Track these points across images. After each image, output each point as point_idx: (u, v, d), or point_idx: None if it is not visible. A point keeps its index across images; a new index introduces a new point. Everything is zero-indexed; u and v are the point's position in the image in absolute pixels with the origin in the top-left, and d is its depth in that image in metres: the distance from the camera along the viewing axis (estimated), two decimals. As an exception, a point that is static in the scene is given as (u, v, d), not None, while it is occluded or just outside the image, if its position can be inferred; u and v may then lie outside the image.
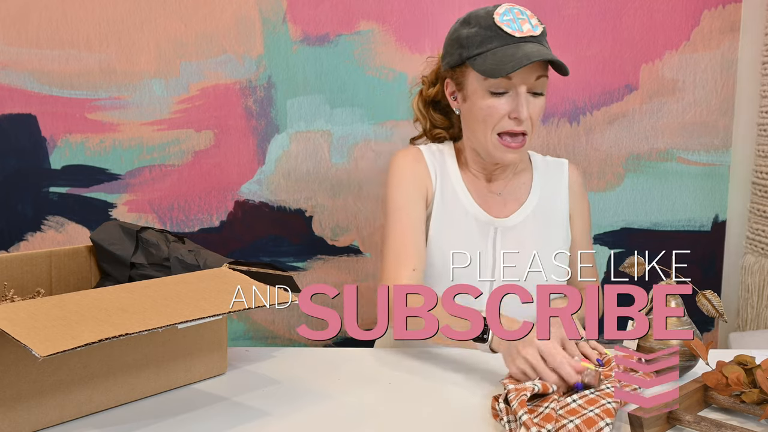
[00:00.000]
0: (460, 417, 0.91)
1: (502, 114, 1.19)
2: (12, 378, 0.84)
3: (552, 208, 1.33)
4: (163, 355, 0.99)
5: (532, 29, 1.17)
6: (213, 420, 0.91)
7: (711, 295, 1.02)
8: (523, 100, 1.17)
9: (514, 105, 1.18)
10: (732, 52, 1.76)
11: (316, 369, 1.10)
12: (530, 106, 1.18)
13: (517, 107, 1.17)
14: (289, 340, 1.90)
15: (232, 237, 1.86)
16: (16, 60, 1.80)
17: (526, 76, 1.16)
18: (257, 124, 1.82)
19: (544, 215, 1.31)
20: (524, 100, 1.17)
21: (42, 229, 1.86)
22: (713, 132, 1.79)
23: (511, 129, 1.19)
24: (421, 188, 1.29)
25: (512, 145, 1.21)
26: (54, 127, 1.83)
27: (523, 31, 1.16)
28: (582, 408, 0.85)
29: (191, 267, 1.13)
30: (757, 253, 1.72)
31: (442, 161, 1.32)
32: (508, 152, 1.22)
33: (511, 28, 1.16)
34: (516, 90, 1.17)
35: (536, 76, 1.17)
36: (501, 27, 1.16)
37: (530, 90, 1.18)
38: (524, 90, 1.17)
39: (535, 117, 1.20)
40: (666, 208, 1.83)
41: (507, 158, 1.23)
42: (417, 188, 1.29)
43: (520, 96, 1.17)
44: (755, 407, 0.87)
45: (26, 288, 1.16)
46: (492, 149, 1.23)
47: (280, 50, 1.79)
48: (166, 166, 1.84)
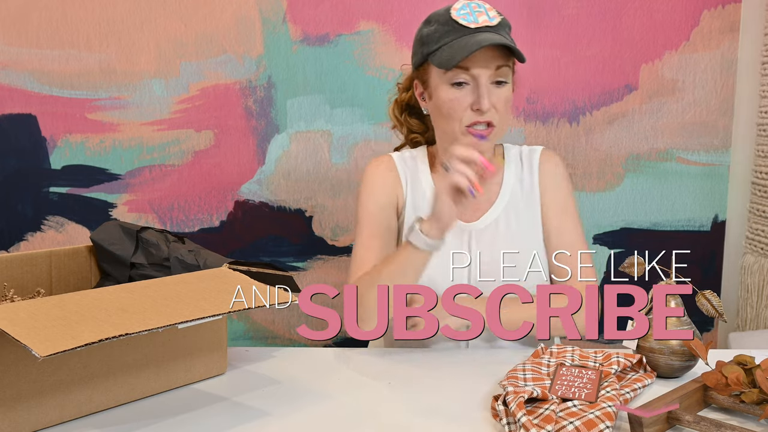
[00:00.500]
0: (459, 417, 0.91)
1: (464, 106, 1.17)
2: (12, 378, 0.84)
3: (526, 204, 1.28)
4: (163, 355, 0.99)
5: (489, 20, 1.16)
6: (213, 420, 0.91)
7: (711, 295, 1.02)
8: (484, 90, 1.15)
9: (475, 96, 1.16)
10: (732, 52, 1.76)
11: (316, 369, 1.10)
12: (492, 96, 1.16)
13: (478, 98, 1.15)
14: (289, 340, 1.90)
15: (232, 237, 1.86)
16: (16, 60, 1.80)
17: (485, 65, 1.15)
18: (257, 124, 1.82)
19: (516, 213, 1.27)
20: (485, 90, 1.15)
21: (42, 229, 1.86)
22: (713, 132, 1.79)
23: (474, 120, 1.17)
24: (391, 197, 1.28)
25: (479, 133, 1.18)
26: (54, 127, 1.83)
27: (479, 23, 1.15)
28: (582, 411, 0.85)
29: (191, 267, 1.13)
30: (757, 253, 1.72)
31: (414, 167, 1.31)
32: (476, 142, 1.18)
33: (467, 20, 1.15)
34: (476, 80, 1.16)
35: (496, 66, 1.15)
36: (457, 20, 1.16)
37: (492, 80, 1.16)
38: (485, 80, 1.16)
39: (500, 107, 1.17)
40: (666, 208, 1.83)
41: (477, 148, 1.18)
42: (387, 198, 1.28)
43: (480, 86, 1.15)
44: (755, 407, 0.87)
45: (26, 288, 1.16)
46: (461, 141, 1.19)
47: (280, 50, 1.80)
48: (166, 166, 1.84)
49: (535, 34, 1.78)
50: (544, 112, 1.81)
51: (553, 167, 1.30)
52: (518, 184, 1.29)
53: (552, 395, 0.89)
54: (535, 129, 1.81)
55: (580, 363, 1.02)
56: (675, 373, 1.01)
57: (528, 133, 1.81)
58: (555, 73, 1.80)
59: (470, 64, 1.15)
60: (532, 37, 1.77)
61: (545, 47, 1.79)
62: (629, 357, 1.02)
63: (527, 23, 1.77)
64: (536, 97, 1.80)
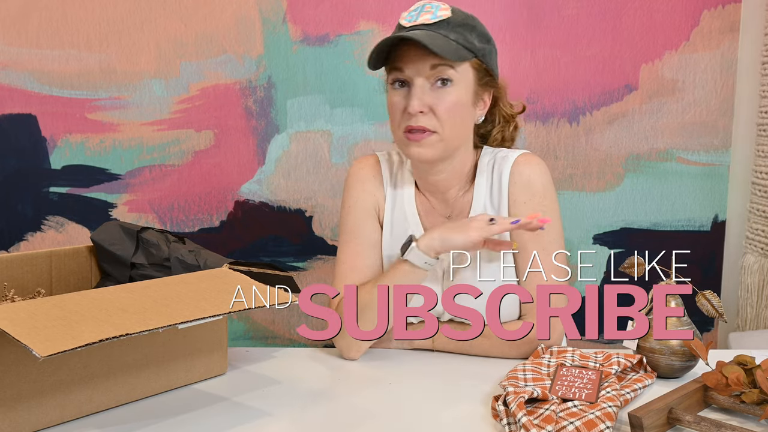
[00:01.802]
0: (460, 417, 0.91)
1: (401, 109, 1.09)
2: (12, 378, 0.84)
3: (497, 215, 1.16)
4: (164, 355, 0.99)
5: (431, 18, 1.06)
6: (213, 420, 0.91)
7: (711, 295, 1.02)
8: (415, 90, 1.06)
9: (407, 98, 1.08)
10: (732, 52, 1.76)
11: (316, 369, 1.10)
12: (426, 97, 1.06)
13: (408, 101, 1.07)
14: (289, 340, 1.90)
15: (232, 237, 1.86)
16: (16, 60, 1.80)
17: (418, 66, 1.06)
18: (257, 124, 1.82)
19: None
20: (416, 90, 1.06)
21: (42, 229, 1.86)
22: (713, 132, 1.79)
23: (407, 124, 1.08)
24: (373, 206, 1.22)
25: (412, 137, 1.08)
26: (54, 127, 1.83)
27: (417, 21, 1.06)
28: (582, 411, 0.85)
29: (191, 267, 1.13)
30: (757, 252, 1.72)
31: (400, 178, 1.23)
32: (412, 146, 1.09)
33: (407, 20, 1.08)
34: (410, 81, 1.07)
35: (431, 65, 1.06)
36: (400, 21, 1.09)
37: (432, 81, 1.07)
38: (420, 81, 1.06)
39: (440, 110, 1.07)
40: (666, 208, 1.83)
41: (413, 152, 1.10)
42: (368, 208, 1.22)
43: (412, 87, 1.07)
44: (755, 407, 0.87)
45: (26, 288, 1.16)
46: (402, 146, 1.12)
47: (280, 50, 1.79)
48: (166, 166, 1.84)
49: (535, 34, 1.78)
50: (544, 112, 1.81)
51: (525, 179, 1.16)
52: (488, 201, 1.18)
53: (552, 395, 0.89)
54: (535, 129, 1.81)
55: (580, 363, 1.02)
56: (675, 373, 1.01)
57: (528, 133, 1.81)
58: (555, 73, 1.79)
59: (401, 64, 1.07)
60: (532, 37, 1.77)
61: (545, 47, 1.79)
62: (629, 357, 1.02)
63: (527, 23, 1.77)
64: (536, 97, 1.80)
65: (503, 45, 1.71)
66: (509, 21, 1.77)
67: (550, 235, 1.15)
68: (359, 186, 1.23)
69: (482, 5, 1.77)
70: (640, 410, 0.83)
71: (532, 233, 1.14)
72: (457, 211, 1.20)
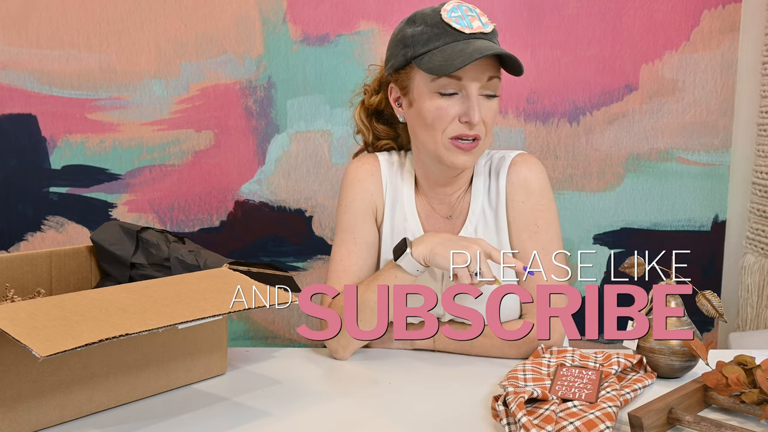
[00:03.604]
0: (460, 417, 0.91)
1: (452, 116, 1.08)
2: (12, 378, 0.84)
3: (495, 217, 1.19)
4: (163, 355, 0.99)
5: (483, 26, 1.08)
6: (213, 420, 0.91)
7: (711, 295, 1.02)
8: (475, 102, 1.07)
9: (465, 108, 1.08)
10: (732, 52, 1.76)
11: (316, 369, 1.10)
12: (482, 109, 1.08)
13: (468, 110, 1.07)
14: (289, 340, 1.90)
15: (232, 237, 1.86)
16: (16, 60, 1.80)
17: (477, 75, 1.07)
18: (257, 124, 1.82)
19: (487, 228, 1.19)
20: (476, 102, 1.07)
21: (42, 229, 1.86)
22: (713, 132, 1.79)
23: (462, 133, 1.09)
24: (370, 206, 1.21)
25: (464, 146, 1.09)
26: (54, 127, 1.83)
27: (473, 28, 1.07)
28: (582, 411, 0.85)
29: (191, 267, 1.13)
30: (757, 253, 1.72)
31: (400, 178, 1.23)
32: (460, 155, 1.10)
33: (460, 24, 1.07)
34: (467, 91, 1.07)
35: (488, 77, 1.08)
36: (449, 23, 1.07)
37: (482, 92, 1.08)
38: (475, 91, 1.07)
39: (488, 121, 1.10)
40: (666, 208, 1.83)
41: (459, 161, 1.11)
42: (365, 208, 1.21)
43: (471, 98, 1.07)
44: (755, 407, 0.87)
45: (26, 288, 1.16)
46: (444, 152, 1.11)
47: (280, 50, 1.80)
48: (166, 166, 1.84)
49: (535, 34, 1.78)
50: (544, 112, 1.81)
51: (522, 178, 1.17)
52: (486, 201, 1.19)
53: (552, 395, 0.89)
54: (535, 129, 1.81)
55: (580, 363, 1.02)
56: (675, 373, 1.01)
57: (528, 133, 1.81)
58: (555, 73, 1.79)
59: (462, 74, 1.06)
60: (532, 37, 1.77)
61: (545, 47, 1.79)
62: (629, 357, 1.02)
63: (527, 23, 1.77)
64: (536, 97, 1.80)
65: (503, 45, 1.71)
66: (509, 21, 1.77)
67: (547, 235, 1.16)
68: (357, 185, 1.22)
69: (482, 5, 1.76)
70: (640, 410, 0.83)
71: (531, 233, 1.15)
72: (457, 213, 1.21)
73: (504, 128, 1.80)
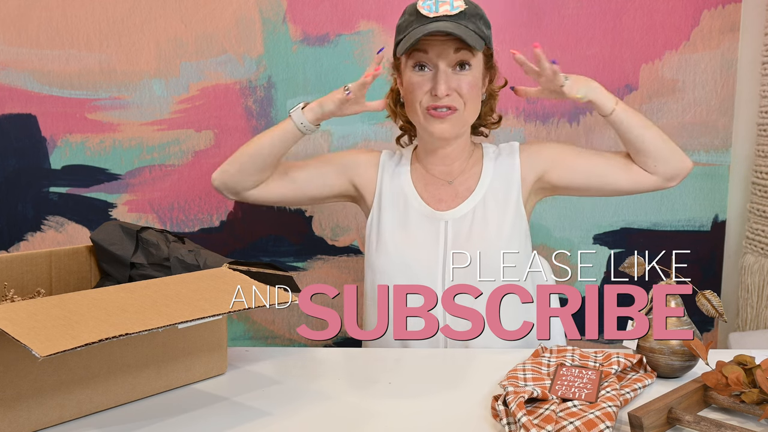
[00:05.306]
0: (460, 417, 0.91)
1: (424, 90, 1.24)
2: (12, 378, 0.84)
3: (504, 197, 1.32)
4: (163, 355, 0.99)
5: (450, 9, 1.22)
6: (213, 420, 0.91)
7: (711, 295, 1.02)
8: (441, 75, 1.22)
9: (434, 82, 1.23)
10: (732, 52, 1.76)
11: (316, 369, 1.10)
12: (451, 81, 1.23)
13: (434, 84, 1.23)
14: (289, 340, 1.90)
15: (232, 237, 1.86)
16: (16, 60, 1.80)
17: (442, 51, 1.22)
18: (257, 124, 1.82)
19: (495, 199, 1.31)
20: (442, 75, 1.22)
21: (42, 229, 1.86)
22: (713, 132, 1.79)
23: (432, 104, 1.24)
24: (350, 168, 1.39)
25: (437, 114, 1.25)
26: (54, 127, 1.83)
27: (439, 12, 1.21)
28: (582, 411, 0.85)
29: (191, 267, 1.13)
30: (757, 253, 1.72)
31: (397, 163, 1.39)
32: (436, 123, 1.25)
33: (428, 10, 1.22)
34: (436, 66, 1.23)
35: (454, 49, 1.22)
36: (419, 10, 1.22)
37: (452, 64, 1.23)
38: (444, 66, 1.23)
39: (463, 92, 1.24)
40: (666, 208, 1.83)
41: (436, 129, 1.26)
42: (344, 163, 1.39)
43: (438, 72, 1.22)
44: (755, 407, 0.87)
45: (26, 288, 1.16)
46: (423, 122, 1.27)
47: (280, 50, 1.79)
48: (166, 166, 1.84)
49: (535, 34, 1.78)
50: (544, 112, 1.81)
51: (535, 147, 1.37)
52: (498, 177, 1.34)
53: (552, 395, 0.89)
54: (535, 129, 1.81)
55: (580, 363, 1.02)
56: (675, 373, 1.01)
57: (528, 133, 1.81)
58: (555, 73, 1.79)
59: (428, 49, 1.22)
60: (532, 37, 1.77)
61: (545, 47, 1.78)
62: (629, 357, 1.02)
63: (527, 23, 1.77)
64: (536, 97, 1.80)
65: (503, 45, 1.71)
66: (509, 21, 1.77)
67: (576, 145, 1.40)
68: (353, 153, 1.42)
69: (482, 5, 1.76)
70: (640, 410, 0.83)
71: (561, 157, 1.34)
72: (462, 179, 1.34)
73: (504, 128, 1.80)
